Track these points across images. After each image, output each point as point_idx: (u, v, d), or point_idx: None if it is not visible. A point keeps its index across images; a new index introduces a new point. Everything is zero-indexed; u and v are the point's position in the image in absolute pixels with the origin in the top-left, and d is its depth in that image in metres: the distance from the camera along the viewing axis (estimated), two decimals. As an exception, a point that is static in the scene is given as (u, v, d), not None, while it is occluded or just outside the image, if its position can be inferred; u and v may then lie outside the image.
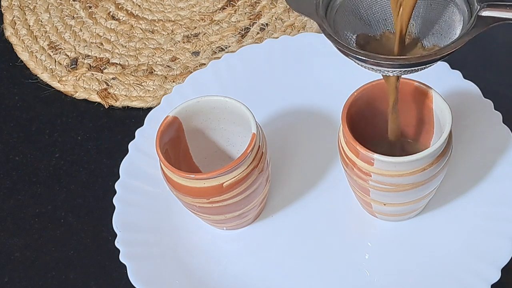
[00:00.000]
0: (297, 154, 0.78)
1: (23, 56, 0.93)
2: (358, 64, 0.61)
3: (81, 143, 0.85)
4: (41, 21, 0.95)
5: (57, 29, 0.94)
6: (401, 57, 0.62)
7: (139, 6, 0.96)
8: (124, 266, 0.71)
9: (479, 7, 0.60)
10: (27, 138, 0.86)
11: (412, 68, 0.60)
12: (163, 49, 0.91)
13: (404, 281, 0.70)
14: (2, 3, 0.98)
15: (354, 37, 0.65)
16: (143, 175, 0.76)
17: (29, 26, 0.95)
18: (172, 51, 0.91)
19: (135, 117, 0.86)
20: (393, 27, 0.65)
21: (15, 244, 0.78)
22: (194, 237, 0.74)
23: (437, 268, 0.70)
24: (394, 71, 0.61)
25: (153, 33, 0.93)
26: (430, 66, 0.61)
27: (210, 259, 0.73)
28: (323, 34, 0.83)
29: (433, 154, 0.65)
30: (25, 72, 0.91)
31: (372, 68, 0.61)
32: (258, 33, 0.91)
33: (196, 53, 0.90)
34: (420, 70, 0.61)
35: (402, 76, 0.66)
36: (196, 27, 0.93)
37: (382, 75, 0.64)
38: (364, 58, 0.60)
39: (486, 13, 0.60)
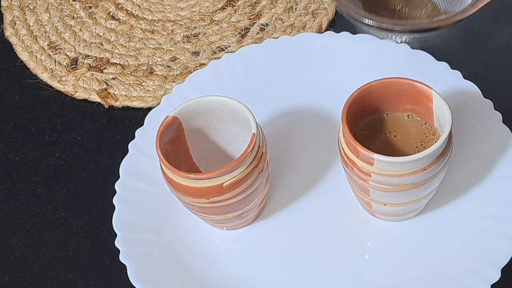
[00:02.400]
0: (297, 154, 0.78)
1: (23, 56, 0.92)
2: (366, 30, 0.60)
3: (81, 143, 0.85)
4: (41, 21, 0.95)
5: (57, 29, 0.94)
6: (412, 21, 0.60)
7: (139, 6, 0.96)
8: (124, 266, 0.71)
9: None
10: (27, 138, 0.86)
11: (422, 34, 0.59)
12: (163, 49, 0.91)
13: (404, 281, 0.70)
14: (2, 3, 0.98)
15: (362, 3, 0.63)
16: (143, 175, 0.76)
17: (29, 26, 0.95)
18: (172, 51, 0.91)
19: (135, 117, 0.86)
20: None
21: (15, 244, 0.78)
22: (194, 237, 0.74)
23: (437, 268, 0.70)
24: (404, 36, 0.60)
25: (153, 33, 0.93)
26: (440, 32, 0.59)
27: (210, 259, 0.73)
28: (323, 34, 0.84)
29: (433, 154, 0.65)
30: (25, 72, 0.91)
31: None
32: (258, 33, 0.91)
33: (196, 53, 0.90)
34: (430, 37, 0.59)
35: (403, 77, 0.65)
36: (196, 27, 0.93)
37: None
38: (370, 24, 0.58)
39: None
